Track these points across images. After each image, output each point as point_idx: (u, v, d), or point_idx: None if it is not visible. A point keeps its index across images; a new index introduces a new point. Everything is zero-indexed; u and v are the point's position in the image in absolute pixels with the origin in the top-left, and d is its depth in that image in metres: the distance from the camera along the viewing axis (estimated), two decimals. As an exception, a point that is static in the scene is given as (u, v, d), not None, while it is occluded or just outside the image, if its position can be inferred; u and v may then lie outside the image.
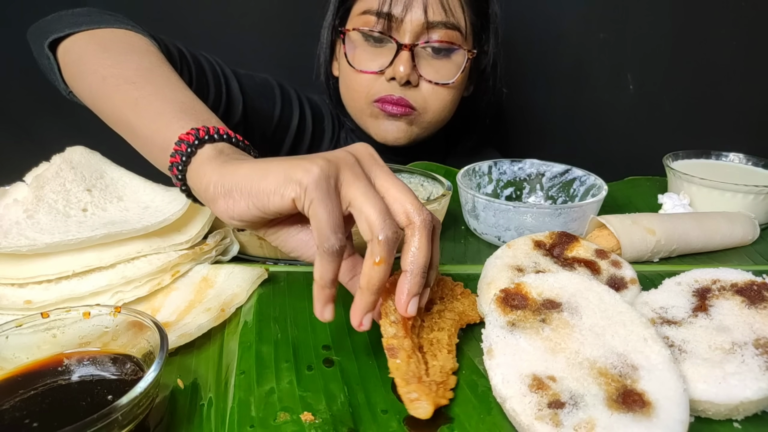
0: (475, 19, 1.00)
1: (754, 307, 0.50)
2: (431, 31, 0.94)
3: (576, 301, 0.49)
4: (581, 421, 0.39)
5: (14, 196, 0.60)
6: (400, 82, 0.95)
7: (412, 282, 0.47)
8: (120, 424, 0.36)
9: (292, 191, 0.45)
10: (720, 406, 0.43)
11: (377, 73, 0.97)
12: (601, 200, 0.75)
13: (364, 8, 0.96)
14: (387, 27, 0.94)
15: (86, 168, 0.66)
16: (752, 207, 0.81)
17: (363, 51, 0.98)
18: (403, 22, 0.93)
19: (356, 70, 0.98)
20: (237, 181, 0.47)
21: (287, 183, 0.45)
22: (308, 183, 0.44)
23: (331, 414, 0.44)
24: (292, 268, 0.68)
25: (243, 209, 0.47)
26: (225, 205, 0.48)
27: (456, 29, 0.95)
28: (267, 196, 0.46)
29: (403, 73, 0.94)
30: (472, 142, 1.21)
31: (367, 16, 0.95)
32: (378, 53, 0.97)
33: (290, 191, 0.45)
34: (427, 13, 0.92)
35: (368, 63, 0.98)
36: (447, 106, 1.02)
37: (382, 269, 0.45)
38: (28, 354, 0.43)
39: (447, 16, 0.94)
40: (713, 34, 1.33)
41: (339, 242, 0.45)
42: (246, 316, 0.57)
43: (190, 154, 0.52)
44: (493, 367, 0.44)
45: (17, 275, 0.54)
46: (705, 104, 1.39)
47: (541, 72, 1.43)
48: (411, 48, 0.94)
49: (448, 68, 0.98)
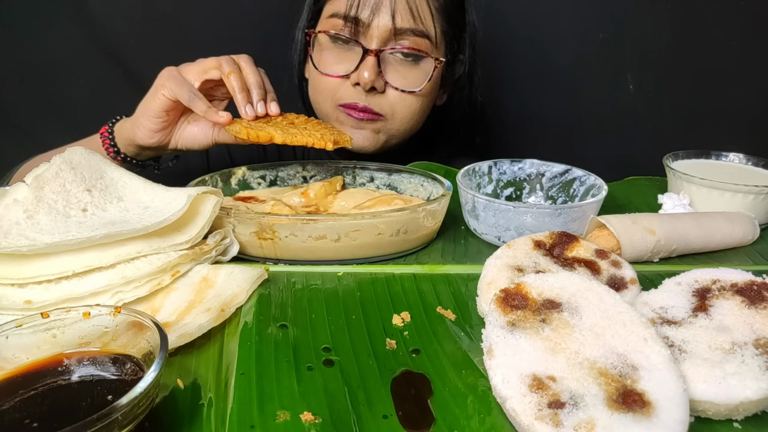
0: (447, 27, 0.98)
1: (754, 307, 0.50)
2: (399, 37, 0.93)
3: (576, 301, 0.49)
4: (581, 421, 0.39)
5: (14, 197, 0.60)
6: (364, 88, 0.94)
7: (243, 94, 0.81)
8: (120, 425, 0.36)
9: (160, 89, 0.80)
10: (720, 406, 0.43)
11: (342, 77, 0.96)
12: (601, 200, 0.75)
13: (332, 11, 0.95)
14: (354, 31, 0.93)
15: (86, 168, 0.66)
16: (752, 207, 0.81)
17: (329, 54, 0.97)
18: (371, 27, 0.92)
19: (321, 72, 0.97)
20: (136, 114, 0.85)
21: (155, 90, 0.81)
22: (164, 79, 0.80)
23: (331, 414, 0.44)
24: (292, 268, 0.68)
25: (147, 124, 0.83)
26: (140, 129, 0.84)
27: (425, 37, 0.94)
28: (150, 103, 0.81)
29: (368, 80, 0.92)
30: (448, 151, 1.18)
31: (335, 20, 0.94)
32: (344, 57, 0.96)
33: (159, 91, 0.80)
34: (395, 19, 0.91)
35: (334, 66, 0.96)
36: (415, 114, 1.00)
37: (234, 77, 0.81)
38: (28, 354, 0.43)
39: (416, 23, 0.92)
40: (713, 34, 1.33)
41: (190, 95, 0.79)
42: (246, 316, 0.57)
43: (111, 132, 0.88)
44: (493, 367, 0.44)
45: (17, 275, 0.54)
46: (705, 104, 1.39)
47: (541, 72, 1.42)
48: (377, 54, 0.93)
49: (415, 75, 0.96)
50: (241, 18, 1.36)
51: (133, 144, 0.86)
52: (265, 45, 1.35)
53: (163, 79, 0.81)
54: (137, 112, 0.84)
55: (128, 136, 0.86)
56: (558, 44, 1.39)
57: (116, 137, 0.88)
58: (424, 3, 0.94)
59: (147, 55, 1.35)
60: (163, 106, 0.81)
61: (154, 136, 0.84)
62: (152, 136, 0.84)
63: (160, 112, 0.81)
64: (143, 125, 0.83)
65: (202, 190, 0.65)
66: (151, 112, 0.81)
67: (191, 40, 1.35)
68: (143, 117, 0.83)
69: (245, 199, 0.82)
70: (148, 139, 0.84)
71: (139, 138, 0.84)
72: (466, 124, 1.15)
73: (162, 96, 0.80)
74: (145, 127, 0.83)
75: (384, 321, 0.57)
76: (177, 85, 0.79)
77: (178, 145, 0.87)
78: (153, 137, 0.84)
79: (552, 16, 1.37)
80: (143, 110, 0.83)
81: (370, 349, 0.53)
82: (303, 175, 0.91)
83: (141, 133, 0.84)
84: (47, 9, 1.29)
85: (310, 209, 0.81)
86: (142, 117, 0.83)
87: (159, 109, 0.81)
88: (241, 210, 0.73)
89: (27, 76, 1.34)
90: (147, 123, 0.83)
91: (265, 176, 0.89)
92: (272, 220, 0.65)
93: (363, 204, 0.78)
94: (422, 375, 0.49)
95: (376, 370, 0.50)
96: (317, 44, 1.00)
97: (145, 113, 0.82)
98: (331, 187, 0.86)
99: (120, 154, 0.89)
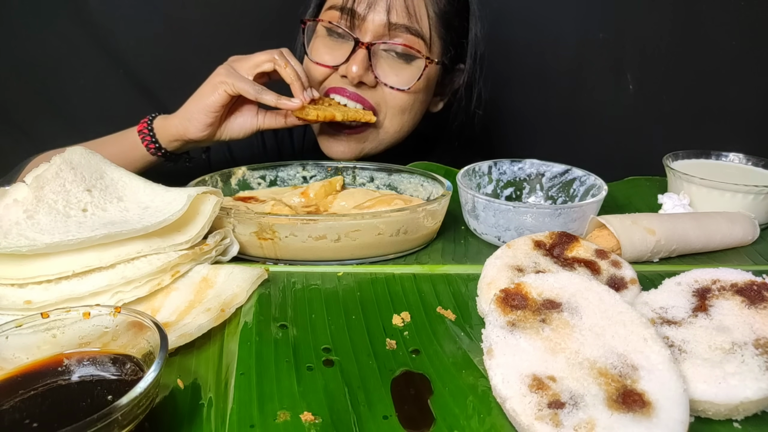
0: (444, 32, 0.99)
1: (754, 307, 0.50)
2: (393, 33, 0.93)
3: (576, 301, 0.49)
4: (581, 421, 0.39)
5: (14, 197, 0.60)
6: (351, 81, 0.94)
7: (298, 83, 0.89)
8: (120, 425, 0.36)
9: (221, 86, 0.86)
10: (720, 406, 0.43)
11: (332, 68, 0.96)
12: (601, 200, 0.75)
13: (331, 2, 0.96)
14: (350, 24, 0.94)
15: (86, 168, 0.66)
16: (752, 207, 0.81)
17: (322, 44, 0.98)
18: (366, 20, 0.93)
19: (312, 60, 0.98)
20: (187, 108, 0.90)
21: (214, 87, 0.86)
22: (223, 77, 0.86)
23: (331, 414, 0.44)
24: (292, 268, 0.68)
25: (202, 118, 0.88)
26: (192, 125, 0.89)
27: (419, 36, 0.94)
28: (208, 99, 0.87)
29: (355, 74, 0.93)
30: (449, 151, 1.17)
31: (333, 11, 0.95)
32: (336, 47, 0.96)
33: (220, 87, 0.86)
34: (390, 15, 0.92)
35: (324, 56, 0.97)
36: (404, 113, 1.00)
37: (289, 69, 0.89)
38: (28, 354, 0.43)
39: (410, 21, 0.93)
40: (713, 33, 1.33)
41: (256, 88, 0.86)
42: (246, 316, 0.57)
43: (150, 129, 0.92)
44: (493, 367, 0.44)
45: (17, 275, 0.54)
46: (705, 104, 1.39)
47: (541, 72, 1.42)
48: (368, 47, 0.93)
49: (407, 74, 0.97)
50: (241, 18, 1.36)
51: (182, 139, 0.91)
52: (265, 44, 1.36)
53: (222, 77, 0.87)
54: (188, 109, 0.90)
55: (176, 132, 0.91)
56: (558, 44, 1.39)
57: (157, 133, 0.93)
58: (422, 4, 0.94)
59: (147, 55, 1.35)
60: (223, 101, 0.87)
61: (207, 129, 0.90)
62: (205, 129, 0.90)
63: (218, 107, 0.88)
64: (198, 120, 0.88)
65: (202, 191, 0.65)
66: (209, 107, 0.87)
67: (192, 39, 1.35)
68: (199, 113, 0.88)
69: (245, 199, 0.83)
70: (200, 132, 0.90)
71: (192, 132, 0.90)
72: (466, 127, 1.14)
73: (223, 92, 0.86)
74: (199, 121, 0.89)
75: (384, 321, 0.57)
76: (240, 81, 0.86)
77: (224, 136, 0.93)
78: (206, 130, 0.90)
79: (552, 17, 1.37)
80: (199, 106, 0.88)
81: (370, 349, 0.53)
82: (303, 176, 0.91)
83: (194, 127, 0.89)
84: (47, 9, 1.29)
85: (310, 209, 0.81)
86: (197, 113, 0.88)
87: (218, 104, 0.87)
88: (241, 210, 0.73)
89: (27, 76, 1.34)
90: (203, 118, 0.88)
91: (265, 176, 0.89)
92: (272, 220, 0.65)
93: (363, 204, 0.78)
94: (422, 375, 0.49)
95: (376, 370, 0.50)
96: (314, 34, 1.01)
97: (202, 109, 0.88)
98: (331, 187, 0.86)
99: (161, 150, 0.94)
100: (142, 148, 0.93)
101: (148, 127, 0.93)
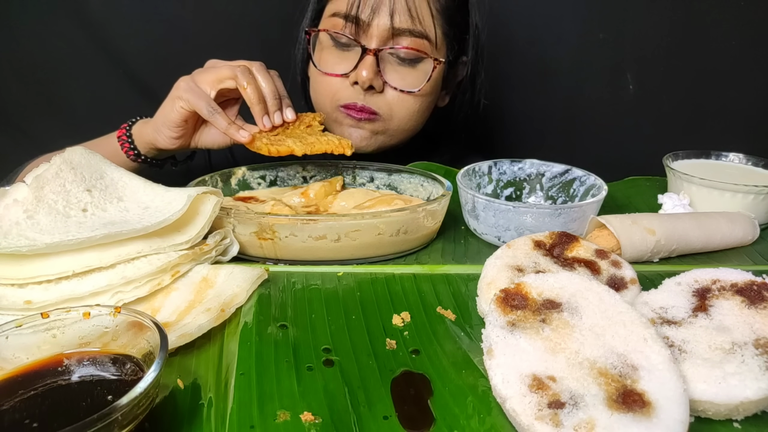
0: (448, 29, 0.98)
1: (754, 307, 0.50)
2: (397, 37, 0.93)
3: (576, 301, 0.49)
4: (581, 421, 0.39)
5: (14, 197, 0.60)
6: (362, 86, 0.94)
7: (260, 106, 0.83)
8: (120, 425, 0.36)
9: (177, 101, 0.82)
10: (720, 406, 0.43)
11: (342, 76, 0.96)
12: (601, 200, 0.75)
13: (333, 10, 0.95)
14: (354, 31, 0.94)
15: (86, 169, 0.66)
16: (752, 207, 0.81)
17: (329, 54, 0.98)
18: (370, 26, 0.92)
19: (322, 72, 0.98)
20: (156, 120, 0.87)
21: (173, 102, 0.83)
22: (181, 91, 0.82)
23: (331, 414, 0.44)
24: (292, 268, 0.68)
25: (167, 132, 0.86)
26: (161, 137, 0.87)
27: (424, 38, 0.94)
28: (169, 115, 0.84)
29: (366, 78, 0.92)
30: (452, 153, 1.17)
31: (336, 19, 0.94)
32: (344, 57, 0.96)
33: (177, 103, 0.83)
34: (393, 19, 0.91)
35: (334, 66, 0.97)
36: (413, 115, 1.00)
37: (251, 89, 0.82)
38: (28, 354, 0.43)
39: (414, 24, 0.93)
40: (713, 33, 1.32)
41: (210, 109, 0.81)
42: (246, 316, 0.57)
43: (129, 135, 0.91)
44: (493, 367, 0.44)
45: (17, 275, 0.54)
46: (705, 104, 1.39)
47: (541, 72, 1.42)
48: (376, 53, 0.93)
49: (415, 76, 0.97)
50: (241, 18, 1.36)
51: (155, 148, 0.90)
52: (265, 44, 1.36)
53: (180, 91, 0.82)
54: (157, 120, 0.87)
55: (149, 140, 0.89)
56: (558, 44, 1.39)
57: (136, 140, 0.91)
58: (425, 4, 0.94)
59: (147, 55, 1.35)
60: (182, 117, 0.84)
61: (175, 142, 0.87)
62: (173, 142, 0.87)
63: (179, 122, 0.84)
64: (164, 133, 0.86)
65: (202, 191, 0.65)
66: (171, 122, 0.84)
67: (191, 39, 1.35)
68: (163, 126, 0.85)
69: (245, 199, 0.83)
70: (169, 145, 0.88)
71: (161, 144, 0.88)
72: (468, 125, 1.15)
73: (180, 108, 0.83)
74: (165, 135, 0.86)
75: (384, 321, 0.57)
76: (195, 98, 0.81)
77: (199, 144, 0.91)
78: (174, 143, 0.87)
79: (552, 16, 1.37)
80: (162, 120, 0.85)
81: (370, 350, 0.53)
82: (303, 175, 0.91)
83: (162, 139, 0.87)
84: (48, 9, 1.29)
85: (310, 209, 0.81)
86: (162, 126, 0.86)
87: (178, 119, 0.84)
88: (241, 210, 0.73)
89: (27, 76, 1.34)
90: (168, 131, 0.86)
91: (265, 176, 0.89)
92: (272, 220, 0.65)
93: (363, 204, 0.78)
94: (422, 375, 0.49)
95: (376, 370, 0.50)
96: (318, 44, 1.00)
97: (165, 124, 0.85)
98: (331, 187, 0.86)
99: (140, 157, 0.92)
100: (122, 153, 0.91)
101: (126, 132, 0.91)
